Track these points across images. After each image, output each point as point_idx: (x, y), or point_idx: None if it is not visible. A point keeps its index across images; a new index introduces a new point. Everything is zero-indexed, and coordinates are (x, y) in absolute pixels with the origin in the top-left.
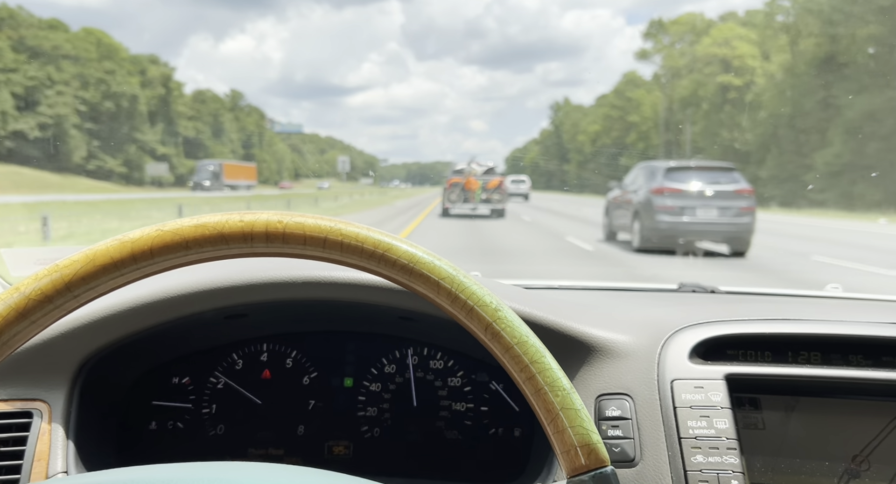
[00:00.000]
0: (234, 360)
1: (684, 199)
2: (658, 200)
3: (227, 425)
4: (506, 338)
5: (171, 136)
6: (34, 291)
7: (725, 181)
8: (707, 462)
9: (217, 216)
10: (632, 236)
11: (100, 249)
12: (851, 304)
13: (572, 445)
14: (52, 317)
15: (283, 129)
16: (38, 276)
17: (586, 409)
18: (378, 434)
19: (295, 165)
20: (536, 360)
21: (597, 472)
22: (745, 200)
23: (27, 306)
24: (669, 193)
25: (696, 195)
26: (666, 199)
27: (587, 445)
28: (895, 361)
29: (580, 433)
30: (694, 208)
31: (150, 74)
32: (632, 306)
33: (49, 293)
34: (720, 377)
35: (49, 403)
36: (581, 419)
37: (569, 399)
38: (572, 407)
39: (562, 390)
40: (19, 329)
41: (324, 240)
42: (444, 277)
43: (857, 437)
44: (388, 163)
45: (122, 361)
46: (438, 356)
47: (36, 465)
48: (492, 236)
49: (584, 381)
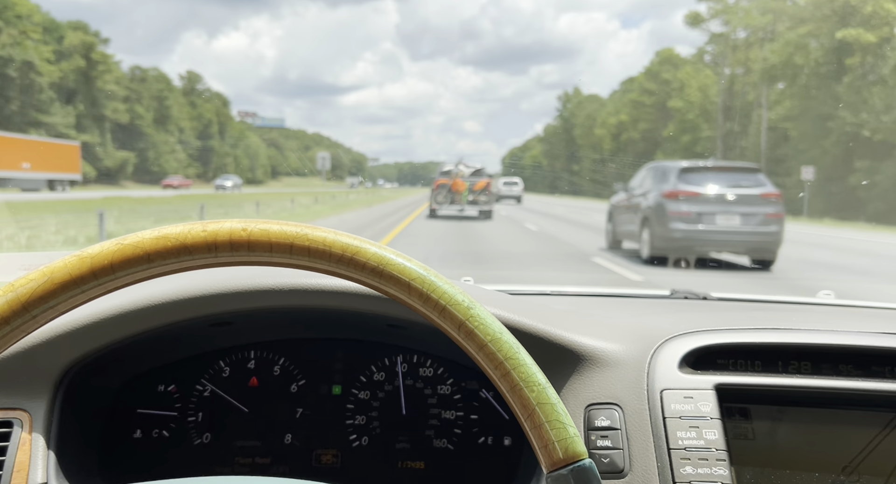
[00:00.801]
0: (220, 367)
1: (702, 205)
2: (671, 206)
3: (214, 434)
4: (479, 336)
5: (94, 120)
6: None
7: (749, 184)
8: (696, 473)
9: (179, 227)
10: (640, 245)
11: (58, 265)
12: (843, 311)
13: (549, 439)
14: (8, 339)
15: (265, 123)
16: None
17: (570, 416)
18: (367, 442)
19: (273, 162)
20: (511, 356)
21: (575, 465)
22: (773, 206)
23: None
24: (685, 198)
25: (716, 200)
26: (681, 205)
27: (564, 440)
28: (885, 371)
29: (557, 427)
30: (713, 215)
31: (70, 43)
32: (622, 313)
33: (5, 315)
34: (710, 387)
35: (30, 411)
36: (557, 413)
37: (544, 394)
38: (548, 401)
39: (537, 386)
40: None
41: (290, 246)
42: (414, 277)
43: (848, 447)
44: (378, 162)
45: (107, 368)
46: (428, 364)
47: (15, 476)
48: (496, 254)
49: (572, 390)
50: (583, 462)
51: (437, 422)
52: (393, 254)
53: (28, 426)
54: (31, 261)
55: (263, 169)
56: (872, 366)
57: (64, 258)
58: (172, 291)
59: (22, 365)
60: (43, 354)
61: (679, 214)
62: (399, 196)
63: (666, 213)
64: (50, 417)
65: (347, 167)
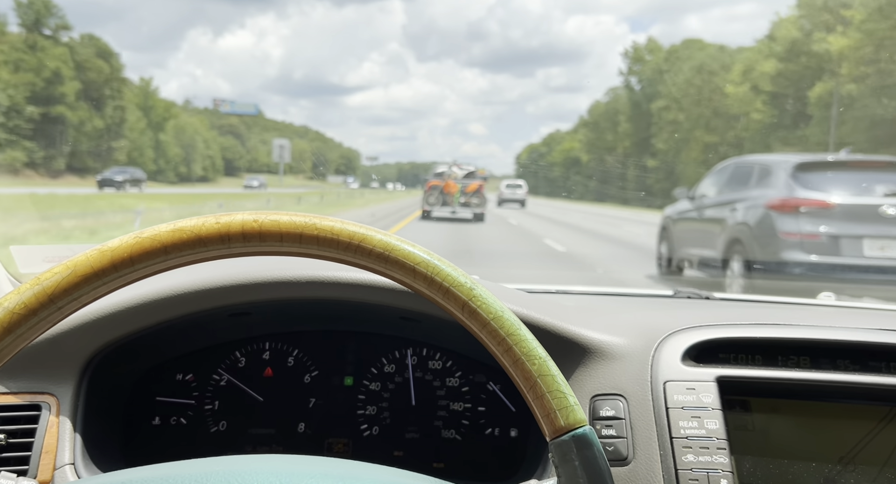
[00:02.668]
0: (236, 357)
1: (837, 222)
2: (786, 223)
3: (229, 422)
4: (482, 314)
5: None
6: (18, 305)
7: None
8: (697, 461)
9: (194, 220)
10: (728, 278)
11: (80, 259)
12: (842, 311)
13: (551, 408)
14: (37, 329)
15: (234, 109)
16: (21, 290)
17: (578, 400)
18: (377, 432)
19: (230, 155)
20: (512, 332)
21: (576, 432)
22: None
23: (11, 321)
24: (808, 211)
25: (860, 215)
26: (801, 222)
27: (565, 408)
28: (882, 365)
29: (557, 397)
30: (858, 240)
31: None
32: (627, 310)
33: (33, 307)
34: (711, 379)
35: (57, 396)
36: (558, 384)
37: (545, 366)
38: (549, 373)
39: (538, 359)
40: (5, 344)
41: (300, 235)
42: (418, 262)
43: (844, 439)
44: (377, 161)
45: (129, 356)
46: (437, 357)
47: (44, 457)
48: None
49: (579, 381)
50: (583, 428)
51: (445, 413)
52: (397, 240)
53: (56, 410)
54: (54, 253)
55: (210, 162)
56: (869, 361)
57: (86, 252)
58: (194, 282)
59: (49, 352)
60: (70, 341)
61: (798, 237)
62: (381, 201)
63: (776, 234)
64: (76, 401)
65: (335, 164)
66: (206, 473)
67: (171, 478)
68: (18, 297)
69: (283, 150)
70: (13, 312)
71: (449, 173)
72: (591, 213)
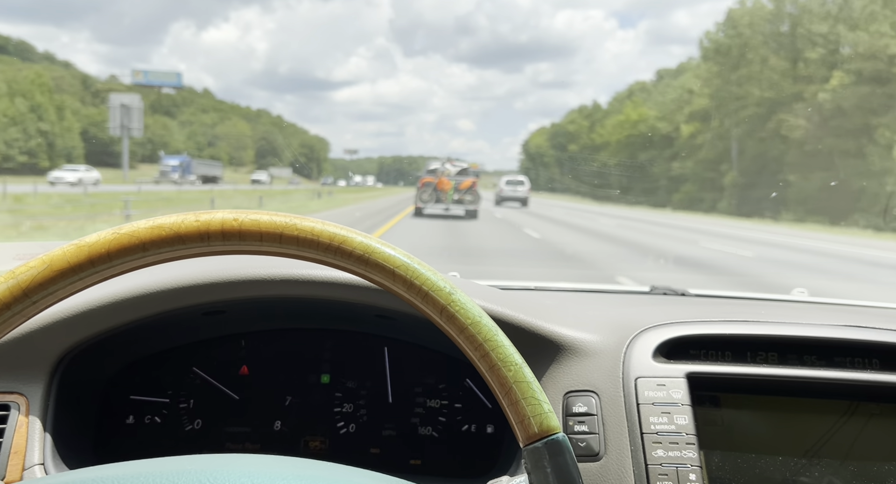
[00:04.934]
0: (212, 356)
1: None
2: None
3: (205, 420)
4: (460, 319)
5: None
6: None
7: None
8: (667, 456)
9: (173, 217)
10: None
11: (56, 254)
12: (813, 307)
13: (525, 415)
14: (10, 324)
15: (148, 80)
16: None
17: (551, 403)
18: (354, 430)
19: (158, 137)
20: (489, 338)
21: (549, 438)
22: None
23: None
24: None
25: None
26: None
27: (539, 415)
28: (846, 361)
29: (532, 403)
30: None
31: None
32: (603, 307)
33: (6, 301)
34: (682, 376)
35: (27, 395)
36: (532, 391)
37: (521, 373)
38: (524, 380)
39: (514, 365)
40: None
41: (280, 235)
42: (398, 265)
43: (809, 433)
44: (356, 155)
45: (101, 355)
46: (414, 354)
47: (13, 457)
48: None
49: (552, 378)
50: (556, 435)
51: (422, 410)
52: (378, 243)
53: (25, 410)
54: (26, 250)
55: (81, 150)
56: (835, 356)
57: (63, 247)
58: (167, 280)
59: (19, 350)
60: (40, 339)
61: None
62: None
63: None
64: (46, 401)
65: (287, 158)
66: (178, 472)
67: (143, 476)
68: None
69: (127, 114)
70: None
71: (442, 170)
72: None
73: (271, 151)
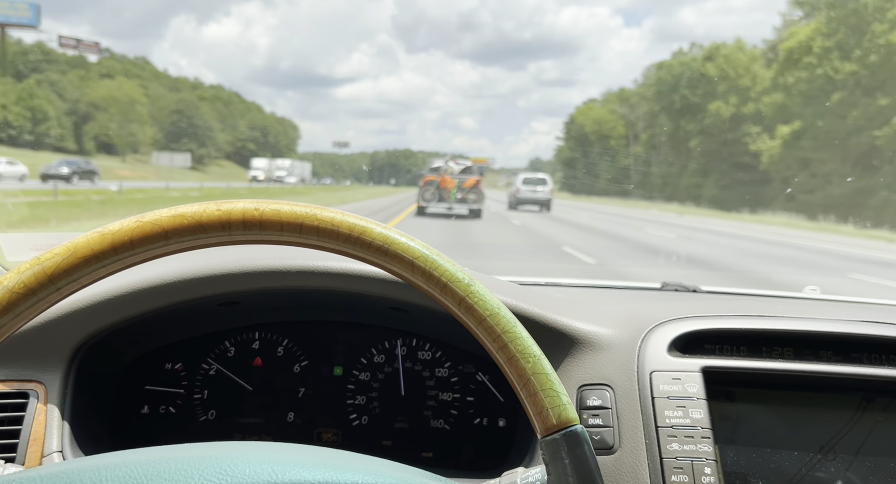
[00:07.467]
0: (226, 347)
1: None
2: None
3: (219, 411)
4: (478, 311)
5: None
6: (17, 284)
7: None
8: (682, 450)
9: (195, 206)
10: None
11: (80, 241)
12: (826, 304)
13: (543, 406)
14: (35, 309)
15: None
16: (21, 269)
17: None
18: (366, 422)
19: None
20: (508, 330)
21: (567, 430)
22: None
23: (11, 300)
24: None
25: None
26: None
27: (557, 407)
28: (863, 357)
29: (550, 395)
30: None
31: None
32: (616, 302)
33: (32, 286)
34: (697, 370)
35: (45, 384)
36: (551, 382)
37: (539, 364)
38: (543, 372)
39: (532, 357)
40: (3, 322)
41: (300, 225)
42: (417, 256)
43: (824, 428)
44: (347, 148)
45: (117, 345)
46: (427, 347)
47: (31, 445)
48: None
49: (567, 371)
50: (574, 427)
51: (434, 403)
52: (397, 234)
53: (43, 398)
54: (42, 241)
55: None
56: (851, 352)
57: (86, 234)
58: (183, 271)
59: (38, 339)
60: (58, 329)
61: None
62: None
63: None
64: (64, 389)
65: (245, 139)
66: (198, 458)
67: (164, 461)
68: (18, 276)
69: None
70: (13, 291)
71: (445, 168)
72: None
73: (190, 132)
